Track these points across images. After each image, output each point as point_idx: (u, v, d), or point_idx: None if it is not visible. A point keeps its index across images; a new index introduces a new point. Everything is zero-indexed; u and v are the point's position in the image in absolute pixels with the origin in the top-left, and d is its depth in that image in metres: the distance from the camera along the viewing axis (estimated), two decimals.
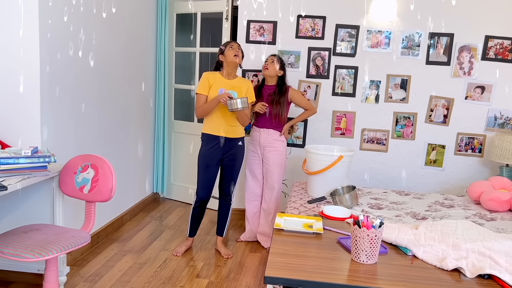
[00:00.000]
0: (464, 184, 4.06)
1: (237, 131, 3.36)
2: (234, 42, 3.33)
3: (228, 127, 3.31)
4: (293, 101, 3.57)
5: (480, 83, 3.93)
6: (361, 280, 1.62)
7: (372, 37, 3.98)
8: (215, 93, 3.24)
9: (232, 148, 3.36)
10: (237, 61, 3.26)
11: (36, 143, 2.74)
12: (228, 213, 3.52)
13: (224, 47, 3.30)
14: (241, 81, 3.37)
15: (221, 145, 3.31)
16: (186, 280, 3.04)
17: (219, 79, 3.29)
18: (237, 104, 3.04)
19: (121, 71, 3.80)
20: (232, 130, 3.33)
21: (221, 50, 3.31)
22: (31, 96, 2.69)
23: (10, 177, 2.30)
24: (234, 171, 3.43)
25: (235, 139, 3.36)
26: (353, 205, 2.84)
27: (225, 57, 3.28)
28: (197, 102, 3.28)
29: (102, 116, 3.52)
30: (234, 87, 3.30)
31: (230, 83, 3.31)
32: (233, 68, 3.31)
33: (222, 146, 3.32)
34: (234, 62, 3.26)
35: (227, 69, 3.31)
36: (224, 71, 3.33)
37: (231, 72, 3.32)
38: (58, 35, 2.85)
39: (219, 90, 3.26)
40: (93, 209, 2.57)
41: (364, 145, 4.13)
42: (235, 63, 3.28)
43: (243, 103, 3.04)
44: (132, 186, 4.21)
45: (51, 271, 2.36)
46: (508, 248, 1.99)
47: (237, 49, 3.27)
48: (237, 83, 3.33)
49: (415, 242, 1.98)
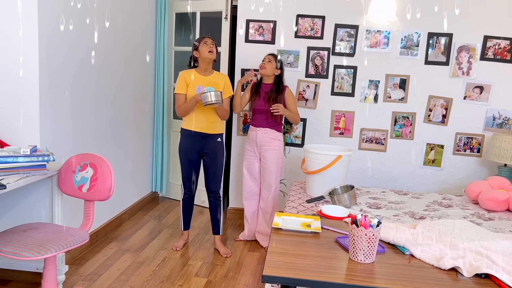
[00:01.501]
0: (462, 184, 4.07)
1: (215, 127, 3.37)
2: (208, 37, 3.32)
3: (207, 123, 3.33)
4: (286, 101, 3.55)
5: (478, 83, 3.93)
6: (359, 279, 1.62)
7: (371, 37, 3.98)
8: (193, 91, 3.28)
9: (210, 144, 3.37)
10: (211, 57, 3.27)
11: (35, 142, 2.74)
12: (219, 211, 3.51)
13: (198, 43, 3.30)
14: (217, 76, 3.38)
15: (199, 141, 3.35)
16: (184, 279, 3.04)
17: (196, 76, 3.32)
18: (211, 97, 3.06)
19: (120, 70, 3.80)
20: (211, 126, 3.35)
21: (195, 46, 3.32)
22: (30, 95, 2.69)
23: (9, 176, 2.30)
24: (217, 168, 3.42)
25: (213, 135, 3.37)
26: (351, 205, 2.85)
27: (200, 53, 3.29)
28: (177, 102, 3.32)
29: (101, 115, 3.52)
30: (211, 83, 3.32)
31: (207, 79, 3.32)
32: (208, 63, 3.32)
33: (200, 142, 3.36)
34: (209, 58, 3.27)
35: (202, 65, 3.33)
36: (200, 68, 3.35)
37: (206, 67, 3.33)
38: (57, 34, 2.85)
39: (197, 88, 3.29)
40: (92, 208, 2.57)
41: (363, 144, 4.14)
42: (210, 59, 3.29)
43: (216, 96, 3.07)
44: (131, 185, 4.21)
45: (50, 269, 2.36)
46: (505, 247, 2.00)
47: (211, 44, 3.27)
48: (214, 79, 3.35)
49: (413, 242, 1.98)
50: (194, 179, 3.45)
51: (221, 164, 3.44)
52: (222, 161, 3.45)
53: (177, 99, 3.32)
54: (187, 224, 3.58)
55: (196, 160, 3.41)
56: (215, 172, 3.43)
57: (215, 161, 3.40)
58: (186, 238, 3.61)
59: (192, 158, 3.39)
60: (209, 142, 3.37)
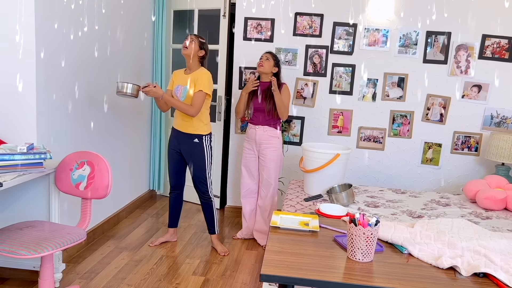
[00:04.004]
0: (460, 183, 4.07)
1: (188, 126, 3.32)
2: (191, 35, 3.31)
3: (182, 121, 3.35)
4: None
5: (477, 82, 3.93)
6: (357, 278, 1.62)
7: (369, 35, 3.98)
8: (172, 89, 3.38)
9: (185, 144, 3.36)
10: (185, 53, 3.25)
11: (32, 140, 2.73)
12: (210, 211, 3.48)
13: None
14: (197, 73, 3.29)
15: (176, 138, 3.40)
16: (182, 277, 3.04)
17: (180, 75, 3.36)
18: (123, 88, 3.05)
19: (118, 67, 3.78)
20: (184, 124, 3.34)
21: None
22: (27, 92, 2.68)
23: (5, 174, 2.29)
24: (196, 169, 3.36)
25: (188, 135, 3.33)
26: (349, 203, 2.85)
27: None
28: None
29: (98, 112, 3.51)
30: (191, 81, 3.28)
31: (187, 77, 3.31)
32: (188, 60, 3.30)
33: (177, 139, 3.39)
34: (184, 55, 3.27)
35: (187, 63, 3.34)
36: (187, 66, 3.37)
37: (190, 65, 3.32)
38: (54, 32, 2.84)
39: (175, 88, 3.35)
40: (89, 206, 2.56)
41: (361, 143, 4.14)
42: (186, 55, 3.27)
43: (127, 88, 3.05)
44: (128, 183, 4.20)
45: (47, 268, 2.36)
46: (503, 246, 2.00)
47: (189, 41, 3.24)
48: (194, 76, 3.29)
49: (411, 241, 1.98)
50: (177, 176, 3.47)
51: (200, 165, 3.35)
52: (202, 162, 3.35)
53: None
54: (172, 222, 3.58)
55: (175, 156, 3.43)
56: (195, 174, 3.38)
57: (192, 163, 3.36)
58: (169, 236, 3.58)
59: (172, 154, 3.44)
60: (184, 142, 3.35)
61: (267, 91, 3.51)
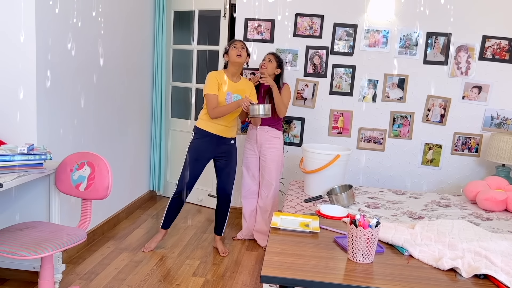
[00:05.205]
0: (460, 184, 4.07)
1: (231, 131, 3.37)
2: (238, 40, 3.26)
3: (226, 127, 3.31)
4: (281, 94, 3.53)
5: (477, 83, 3.93)
6: (357, 280, 1.62)
7: (369, 36, 3.98)
8: (222, 96, 3.22)
9: (224, 147, 3.36)
10: (239, 61, 3.20)
11: (32, 140, 2.72)
12: (227, 214, 3.52)
13: (228, 47, 3.27)
14: (244, 84, 3.34)
15: (213, 143, 3.31)
16: (182, 278, 3.03)
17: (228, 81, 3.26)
18: (259, 111, 3.02)
19: (118, 68, 3.78)
20: (227, 130, 3.33)
21: (226, 49, 3.28)
22: (27, 92, 2.68)
23: (5, 175, 2.29)
24: (231, 169, 3.42)
25: (229, 138, 3.37)
26: (349, 204, 2.84)
27: (229, 57, 3.24)
28: (210, 103, 3.18)
29: (98, 113, 3.50)
30: (238, 90, 3.27)
31: (235, 86, 3.28)
32: (238, 68, 3.27)
33: (215, 144, 3.31)
34: (237, 62, 3.21)
35: (231, 70, 3.27)
36: (229, 72, 3.28)
37: (235, 72, 3.28)
38: (55, 32, 2.84)
39: (226, 94, 3.23)
40: (89, 206, 2.56)
41: (361, 144, 4.14)
42: (239, 63, 3.23)
43: (265, 110, 3.03)
44: (128, 184, 4.20)
45: (47, 268, 2.35)
46: (504, 248, 2.00)
47: (240, 48, 3.21)
48: (241, 86, 3.30)
49: (412, 242, 1.98)
50: (194, 182, 3.36)
51: (235, 166, 3.44)
52: (236, 162, 3.45)
53: (210, 100, 3.18)
54: (168, 223, 3.45)
55: (203, 162, 3.33)
56: (230, 173, 3.41)
57: (229, 163, 3.39)
58: (161, 238, 3.48)
59: (201, 159, 3.31)
60: (223, 145, 3.35)
61: (268, 91, 3.51)
